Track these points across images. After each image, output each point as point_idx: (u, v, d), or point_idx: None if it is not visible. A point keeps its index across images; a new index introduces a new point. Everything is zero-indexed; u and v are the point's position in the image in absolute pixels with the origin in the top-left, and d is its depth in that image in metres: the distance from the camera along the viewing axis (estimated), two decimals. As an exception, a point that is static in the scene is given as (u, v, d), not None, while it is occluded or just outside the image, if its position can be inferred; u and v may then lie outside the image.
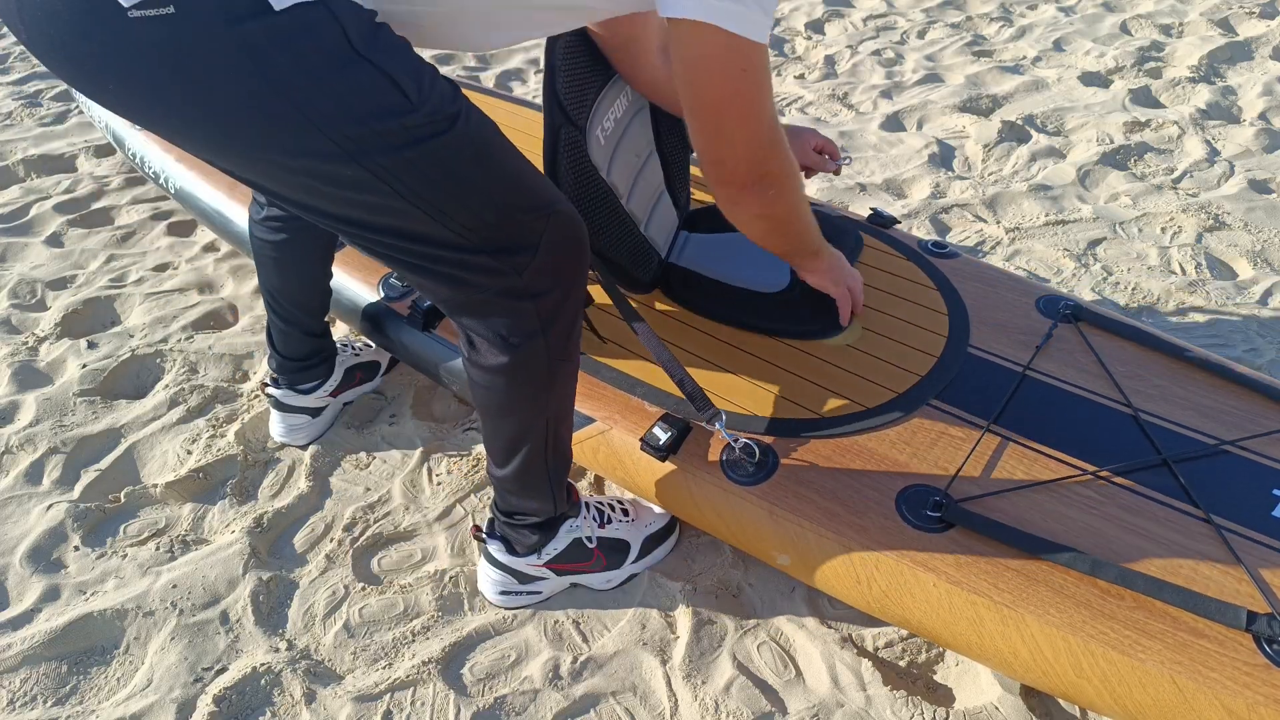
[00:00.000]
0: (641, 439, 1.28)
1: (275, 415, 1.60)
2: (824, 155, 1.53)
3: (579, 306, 1.07)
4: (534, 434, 1.13)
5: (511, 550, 1.28)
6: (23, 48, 3.36)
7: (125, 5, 0.74)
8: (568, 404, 1.16)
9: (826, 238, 1.31)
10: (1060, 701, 1.20)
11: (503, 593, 1.32)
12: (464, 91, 0.93)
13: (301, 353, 1.54)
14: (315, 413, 1.62)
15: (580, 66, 1.28)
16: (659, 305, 1.53)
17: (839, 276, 1.34)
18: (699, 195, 1.83)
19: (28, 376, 1.80)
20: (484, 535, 1.30)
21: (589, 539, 1.31)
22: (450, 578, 1.38)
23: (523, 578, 1.31)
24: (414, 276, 0.99)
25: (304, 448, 1.62)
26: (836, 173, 1.60)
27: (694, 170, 1.84)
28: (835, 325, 1.42)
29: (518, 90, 3.02)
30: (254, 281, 2.04)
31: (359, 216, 0.90)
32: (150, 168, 2.04)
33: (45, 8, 0.78)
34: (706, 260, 1.55)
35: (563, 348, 1.07)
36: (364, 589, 1.38)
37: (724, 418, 1.25)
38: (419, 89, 0.84)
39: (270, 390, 1.57)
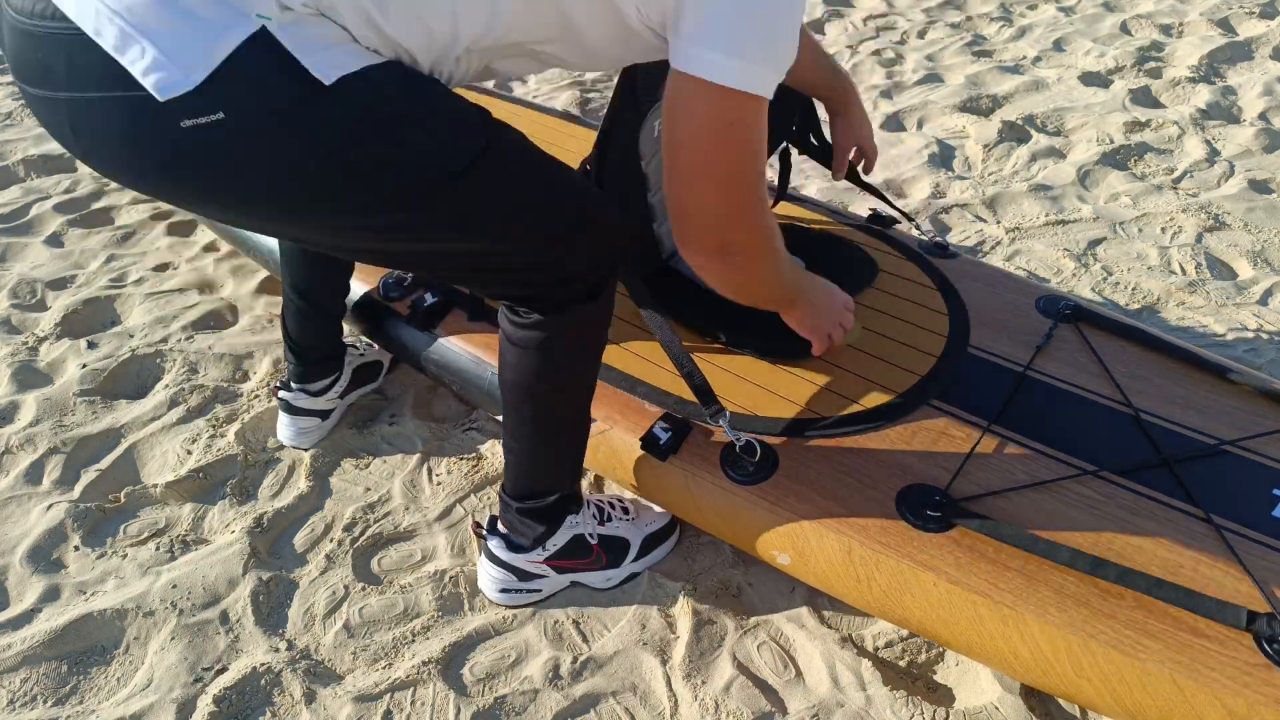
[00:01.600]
0: (642, 439, 1.29)
1: (284, 419, 1.60)
2: (858, 159, 1.55)
3: (616, 275, 1.13)
4: (560, 401, 1.16)
5: (512, 546, 1.28)
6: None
7: (185, 124, 0.79)
8: (594, 376, 1.19)
9: (839, 268, 1.28)
10: (1060, 701, 1.20)
11: (503, 590, 1.32)
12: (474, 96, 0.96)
13: (318, 341, 1.54)
14: (325, 415, 1.62)
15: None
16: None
17: (818, 324, 1.27)
18: None
19: (28, 376, 1.80)
20: (484, 532, 1.30)
21: (590, 535, 1.31)
22: (450, 578, 1.38)
23: (523, 575, 1.31)
24: (471, 286, 1.08)
25: (306, 449, 1.62)
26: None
27: None
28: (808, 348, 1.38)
29: (518, 91, 3.02)
30: (254, 281, 2.04)
31: (422, 255, 0.97)
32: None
33: (96, 135, 0.83)
34: None
35: (602, 314, 1.11)
36: (364, 589, 1.38)
37: (728, 415, 1.25)
38: (451, 128, 0.88)
39: (282, 394, 1.57)
